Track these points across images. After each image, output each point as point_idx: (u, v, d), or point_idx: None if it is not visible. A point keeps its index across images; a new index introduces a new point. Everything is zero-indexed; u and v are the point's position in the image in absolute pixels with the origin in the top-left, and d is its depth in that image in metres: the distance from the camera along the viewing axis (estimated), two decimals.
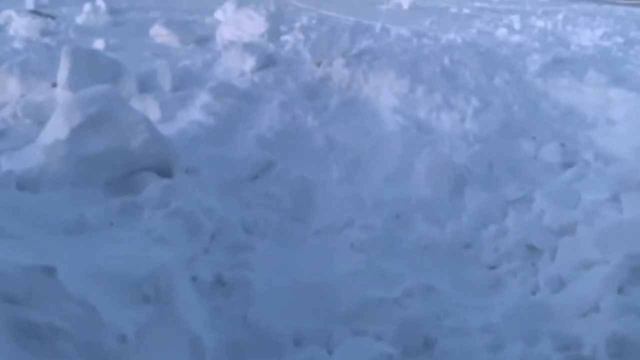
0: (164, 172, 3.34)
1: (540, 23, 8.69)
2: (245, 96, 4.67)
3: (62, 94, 4.49)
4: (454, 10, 9.59)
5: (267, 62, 5.23)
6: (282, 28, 7.14)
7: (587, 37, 7.59)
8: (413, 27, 7.62)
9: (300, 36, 6.38)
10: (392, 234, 3.31)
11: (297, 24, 7.75)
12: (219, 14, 8.09)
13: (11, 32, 6.54)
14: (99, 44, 6.06)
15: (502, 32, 7.37)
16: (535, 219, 3.48)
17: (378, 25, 7.57)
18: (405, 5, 9.51)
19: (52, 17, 7.64)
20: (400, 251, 3.19)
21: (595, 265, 2.91)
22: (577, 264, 2.97)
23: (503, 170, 4.09)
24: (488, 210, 3.60)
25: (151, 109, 4.42)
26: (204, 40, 6.70)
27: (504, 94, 4.99)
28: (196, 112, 4.38)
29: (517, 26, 8.10)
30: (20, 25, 6.55)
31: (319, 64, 5.23)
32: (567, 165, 4.22)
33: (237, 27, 6.64)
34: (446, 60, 5.35)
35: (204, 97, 4.52)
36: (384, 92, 4.91)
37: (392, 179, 3.92)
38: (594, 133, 4.66)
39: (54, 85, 4.65)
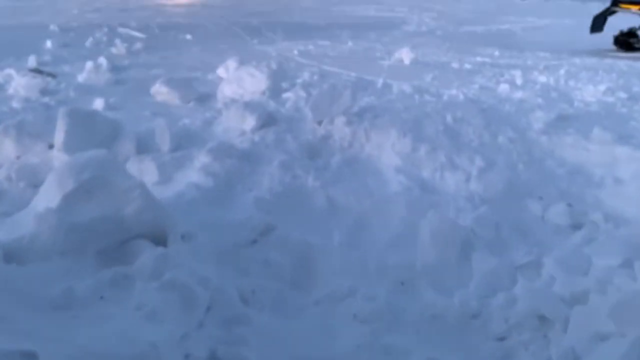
0: (159, 239, 3.23)
1: (542, 78, 8.63)
2: (245, 156, 4.59)
3: (58, 157, 4.42)
4: (455, 65, 9.59)
5: (267, 120, 5.17)
6: (284, 85, 7.14)
7: (590, 92, 7.53)
8: (415, 83, 7.61)
9: (302, 93, 6.35)
10: (397, 304, 3.16)
11: (299, 80, 7.75)
12: (221, 71, 8.11)
13: (11, 91, 6.53)
14: (98, 103, 6.04)
15: (504, 88, 7.32)
16: (545, 287, 3.34)
17: (380, 81, 7.57)
18: (407, 61, 9.53)
19: (53, 76, 7.67)
20: (405, 323, 3.05)
21: (611, 338, 2.76)
22: (591, 337, 2.81)
23: (510, 233, 3.96)
24: (496, 277, 3.46)
25: (148, 171, 4.34)
26: (205, 98, 6.67)
27: (509, 152, 4.90)
28: (194, 173, 4.30)
29: (519, 82, 8.04)
30: (20, 85, 6.55)
31: (320, 122, 5.17)
32: (576, 227, 4.09)
33: (238, 84, 6.64)
34: (449, 118, 5.29)
35: (202, 158, 4.44)
36: (386, 150, 4.83)
37: (395, 243, 3.79)
38: (601, 193, 4.55)
39: (51, 146, 4.58)
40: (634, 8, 14.91)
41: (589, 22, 15.32)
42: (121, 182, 3.25)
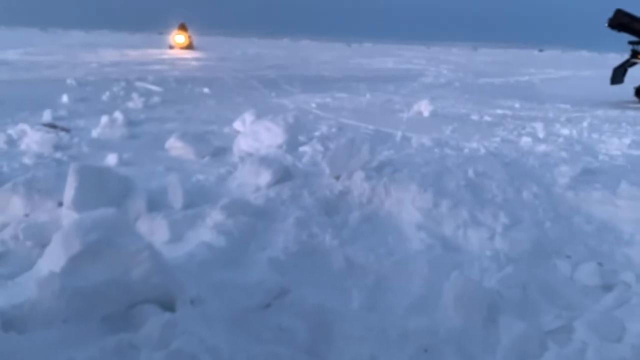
0: (167, 303, 3.07)
1: (565, 131, 8.42)
2: (260, 213, 4.44)
3: (67, 215, 4.31)
4: (475, 117, 9.47)
5: (283, 175, 5.04)
6: (301, 138, 7.05)
7: (615, 145, 7.34)
8: (434, 136, 7.47)
9: (319, 147, 6.24)
10: None
11: (317, 134, 7.66)
12: (237, 125, 8.06)
13: (23, 146, 6.48)
14: (111, 159, 5.96)
15: (526, 141, 7.15)
16: (577, 354, 3.11)
17: (399, 134, 7.45)
18: (426, 113, 9.43)
19: (67, 130, 7.65)
20: None
21: None
22: None
23: (538, 295, 3.74)
24: (525, 344, 3.23)
25: (159, 230, 4.21)
26: (221, 152, 6.59)
27: (534, 208, 4.71)
28: (207, 232, 4.15)
29: (541, 134, 7.86)
30: (33, 140, 6.51)
31: (337, 177, 5.03)
32: (606, 287, 3.88)
33: (254, 138, 6.55)
34: (470, 172, 5.12)
35: (215, 216, 4.30)
36: (407, 206, 4.66)
37: (417, 306, 3.58)
38: (632, 251, 4.33)
39: (61, 204, 4.47)
40: None
41: (608, 74, 15.23)
42: (129, 243, 3.10)
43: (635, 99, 15.05)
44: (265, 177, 4.91)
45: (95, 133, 7.41)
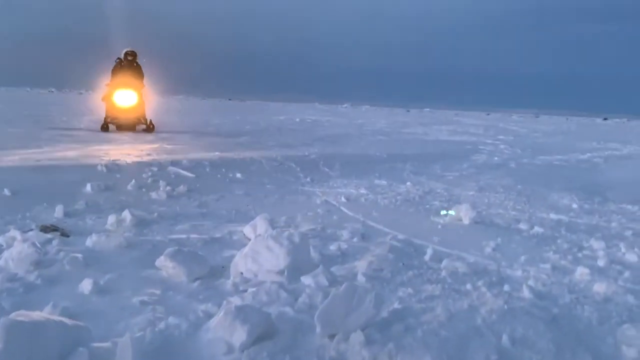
0: None
1: (631, 257, 6.53)
2: None
3: None
4: (524, 226, 8.16)
5: (266, 331, 3.99)
6: (314, 254, 6.05)
7: None
8: (471, 259, 6.28)
9: (324, 281, 5.19)
10: None
11: (333, 247, 6.63)
12: (247, 231, 7.20)
13: (1, 262, 5.67)
14: (86, 285, 5.07)
15: (582, 273, 5.56)
16: None
17: (429, 252, 6.30)
18: (466, 220, 8.26)
19: (67, 235, 6.94)
20: None
21: None
22: None
23: None
24: None
25: None
26: (217, 274, 5.66)
27: None
28: None
29: (601, 262, 6.16)
30: (11, 256, 5.71)
31: (332, 337, 3.98)
32: None
33: (253, 259, 5.59)
34: (505, 339, 3.92)
35: None
36: None
37: None
38: None
39: None
40: None
41: None
42: None
43: None
44: (240, 334, 3.88)
45: (90, 241, 6.54)
